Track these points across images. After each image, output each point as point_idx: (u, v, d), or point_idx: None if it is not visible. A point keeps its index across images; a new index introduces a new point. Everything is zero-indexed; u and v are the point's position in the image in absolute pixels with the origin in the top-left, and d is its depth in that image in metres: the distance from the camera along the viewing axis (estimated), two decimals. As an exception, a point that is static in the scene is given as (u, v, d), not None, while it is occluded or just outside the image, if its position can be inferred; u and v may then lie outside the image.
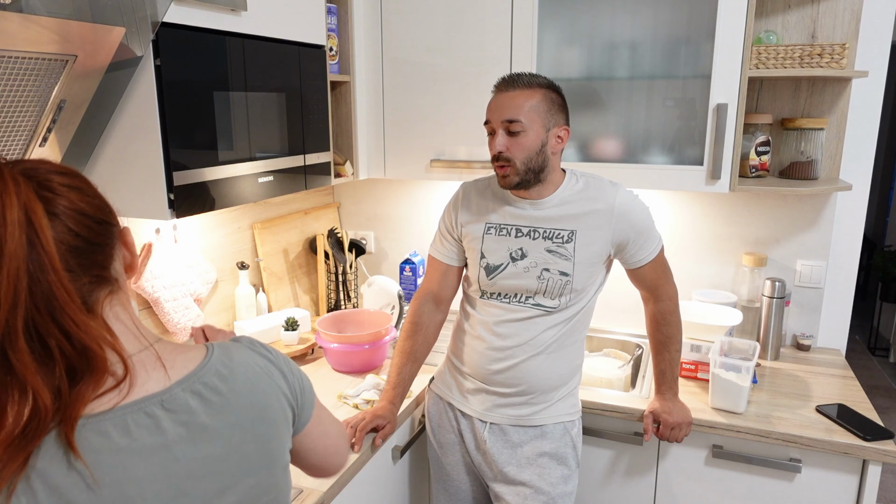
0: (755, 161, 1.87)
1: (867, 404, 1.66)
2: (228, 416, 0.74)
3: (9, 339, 0.61)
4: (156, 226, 1.67)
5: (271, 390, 0.80)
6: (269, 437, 0.79)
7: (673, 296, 1.55)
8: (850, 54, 1.79)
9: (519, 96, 1.37)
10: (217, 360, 0.76)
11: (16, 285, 0.60)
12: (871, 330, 4.83)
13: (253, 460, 0.76)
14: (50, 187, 0.65)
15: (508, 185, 1.42)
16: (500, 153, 1.39)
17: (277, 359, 0.84)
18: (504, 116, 1.37)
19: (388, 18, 1.98)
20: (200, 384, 0.73)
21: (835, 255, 2.00)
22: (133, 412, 0.67)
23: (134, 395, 0.68)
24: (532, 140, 1.38)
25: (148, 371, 0.71)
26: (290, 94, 1.61)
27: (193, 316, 1.74)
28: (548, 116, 1.38)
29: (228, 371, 0.76)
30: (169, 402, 0.70)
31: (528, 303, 1.47)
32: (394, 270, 2.43)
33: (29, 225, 0.62)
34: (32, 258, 0.61)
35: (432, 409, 1.64)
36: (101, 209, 0.70)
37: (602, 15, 1.82)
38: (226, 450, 0.73)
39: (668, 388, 1.59)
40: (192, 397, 0.72)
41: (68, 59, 1.08)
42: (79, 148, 1.29)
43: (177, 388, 0.71)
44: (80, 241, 0.66)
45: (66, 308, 0.63)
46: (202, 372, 0.74)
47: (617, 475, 1.73)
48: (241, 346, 0.82)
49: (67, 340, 0.63)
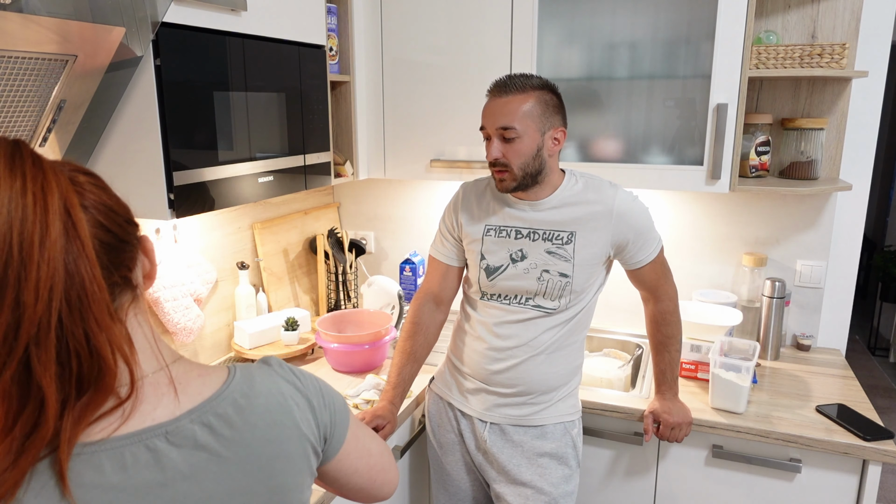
0: (755, 161, 1.87)
1: (867, 404, 1.66)
2: (239, 453, 0.68)
3: (38, 337, 0.57)
4: (156, 226, 1.67)
5: (292, 423, 0.73)
6: (284, 477, 0.72)
7: (673, 296, 1.55)
8: (850, 54, 1.79)
9: (512, 102, 1.37)
10: (236, 388, 0.71)
11: (54, 277, 0.57)
12: (871, 330, 4.83)
13: (260, 502, 0.70)
14: (78, 182, 0.63)
15: (506, 189, 1.43)
16: (496, 159, 1.39)
17: (306, 386, 0.77)
18: (498, 123, 1.37)
19: (388, 18, 1.98)
20: (213, 415, 0.67)
21: (835, 255, 2.00)
22: (132, 444, 0.62)
23: (138, 423, 0.63)
24: (527, 145, 1.37)
25: (159, 396, 0.66)
26: (290, 94, 1.61)
27: (193, 316, 1.74)
28: (542, 120, 1.38)
29: (246, 400, 0.70)
30: (174, 435, 0.65)
31: (527, 304, 1.47)
32: (394, 270, 2.43)
33: (67, 215, 0.59)
34: (69, 250, 0.58)
35: (432, 409, 1.64)
36: (126, 209, 0.67)
37: (602, 15, 1.82)
38: (230, 491, 0.68)
39: (668, 388, 1.59)
40: (200, 429, 0.66)
41: (68, 59, 1.08)
42: (79, 148, 1.29)
43: (185, 418, 0.66)
44: (111, 238, 0.63)
45: (94, 306, 0.60)
46: (217, 401, 0.68)
47: (617, 475, 1.73)
48: (265, 370, 0.76)
49: (87, 345, 0.59)
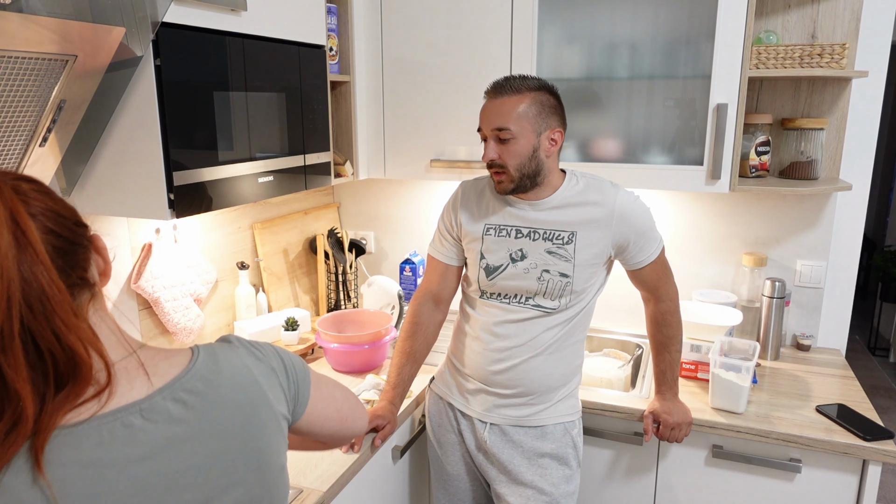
0: (755, 161, 1.87)
1: (867, 404, 1.66)
2: (213, 422, 0.71)
3: (2, 345, 0.58)
4: (156, 226, 1.67)
5: (259, 391, 0.77)
6: (259, 441, 0.76)
7: (673, 296, 1.55)
8: (850, 54, 1.79)
9: (507, 103, 1.37)
10: (202, 364, 0.74)
11: (9, 287, 0.58)
12: (871, 330, 4.83)
13: (239, 468, 0.73)
14: (22, 190, 0.64)
15: (503, 191, 1.43)
16: (492, 161, 1.40)
17: (266, 355, 0.82)
18: (493, 124, 1.37)
19: (388, 18, 1.98)
20: (183, 390, 0.70)
21: (835, 255, 2.00)
22: (109, 422, 0.65)
23: (113, 405, 0.66)
24: (523, 146, 1.37)
25: (130, 379, 0.69)
26: (290, 94, 1.61)
27: (193, 316, 1.74)
28: (538, 121, 1.37)
29: (213, 375, 0.74)
30: (148, 411, 0.67)
31: (527, 304, 1.47)
32: (394, 270, 2.43)
33: (15, 224, 0.60)
34: (22, 259, 0.60)
35: (432, 409, 1.64)
36: (73, 212, 0.69)
37: (602, 15, 1.82)
38: (209, 459, 0.70)
39: (669, 389, 1.59)
40: (173, 404, 0.69)
41: (68, 59, 1.08)
42: (79, 148, 1.29)
43: (158, 395, 0.69)
44: (63, 242, 0.65)
45: (58, 308, 0.61)
46: (187, 377, 0.71)
47: (617, 475, 1.73)
48: (227, 347, 0.79)
49: (58, 343, 0.61)
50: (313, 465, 1.37)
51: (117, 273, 1.57)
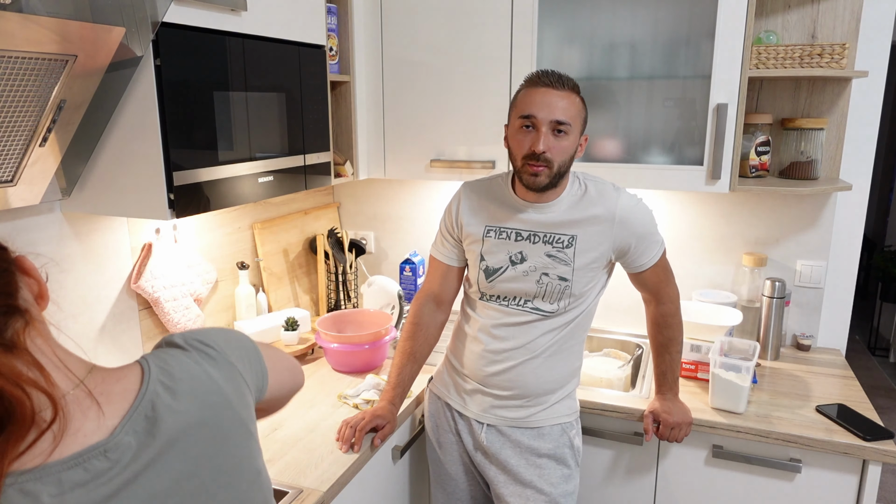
0: (755, 161, 1.87)
1: (867, 404, 1.66)
2: (174, 444, 0.67)
3: None
4: (156, 226, 1.67)
5: (221, 397, 0.72)
6: (224, 456, 0.71)
7: (674, 298, 1.55)
8: (850, 54, 1.79)
9: (569, 97, 1.35)
10: (156, 382, 0.69)
11: None
12: (871, 330, 4.83)
13: (210, 487, 0.69)
14: None
15: (538, 185, 1.37)
16: (542, 153, 1.34)
17: (220, 350, 0.77)
18: (555, 116, 1.33)
19: (388, 18, 1.98)
20: (142, 418, 0.65)
21: (835, 255, 2.00)
22: (69, 469, 0.59)
23: (71, 445, 0.60)
24: (572, 144, 1.37)
25: (83, 411, 0.63)
26: (290, 94, 1.61)
27: (193, 316, 1.74)
28: (582, 123, 1.39)
29: (169, 393, 0.68)
30: (113, 451, 0.62)
31: (526, 306, 1.46)
32: (394, 270, 2.43)
33: None
34: None
35: (431, 409, 1.64)
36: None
37: (602, 15, 1.82)
38: (176, 478, 0.66)
39: (669, 389, 1.59)
40: (135, 437, 0.64)
41: (68, 59, 1.08)
42: (79, 148, 1.29)
43: (120, 432, 0.64)
44: None
45: None
46: (143, 403, 0.66)
47: (617, 475, 1.73)
48: (179, 353, 0.74)
49: None
50: (313, 465, 1.37)
51: (118, 273, 1.57)
